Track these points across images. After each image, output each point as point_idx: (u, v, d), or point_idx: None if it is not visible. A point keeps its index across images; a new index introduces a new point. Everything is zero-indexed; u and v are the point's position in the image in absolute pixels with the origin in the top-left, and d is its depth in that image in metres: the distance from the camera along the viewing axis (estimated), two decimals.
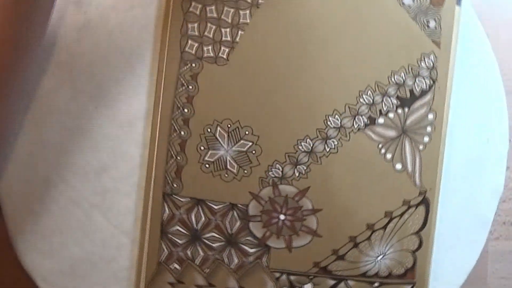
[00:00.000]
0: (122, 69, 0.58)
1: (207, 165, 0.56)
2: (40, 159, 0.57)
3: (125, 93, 0.58)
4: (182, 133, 0.56)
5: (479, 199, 0.62)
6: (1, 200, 0.57)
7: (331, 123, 0.57)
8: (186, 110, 0.56)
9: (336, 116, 0.57)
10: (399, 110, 0.58)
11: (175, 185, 0.56)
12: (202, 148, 0.56)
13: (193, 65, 0.56)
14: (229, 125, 0.56)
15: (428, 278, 0.60)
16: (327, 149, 0.57)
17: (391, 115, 0.58)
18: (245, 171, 0.57)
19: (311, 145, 0.57)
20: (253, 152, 0.57)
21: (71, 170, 0.57)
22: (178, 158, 0.56)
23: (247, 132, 0.56)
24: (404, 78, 0.58)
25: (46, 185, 0.57)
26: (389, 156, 0.58)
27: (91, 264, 0.57)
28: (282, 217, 0.57)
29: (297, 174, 0.57)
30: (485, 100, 0.62)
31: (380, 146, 0.58)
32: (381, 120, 0.58)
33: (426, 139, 0.58)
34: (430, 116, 0.58)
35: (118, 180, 0.58)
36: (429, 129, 0.58)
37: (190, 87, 0.56)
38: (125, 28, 0.58)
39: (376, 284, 0.59)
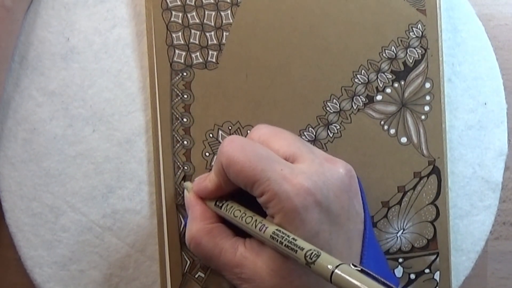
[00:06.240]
0: (112, 90, 0.58)
1: None
2: (45, 190, 0.57)
3: (120, 113, 0.58)
4: (185, 142, 0.56)
5: (486, 162, 0.62)
6: (13, 235, 0.57)
7: (330, 108, 0.57)
8: (185, 120, 0.56)
9: (334, 100, 0.57)
10: (396, 84, 0.58)
11: None
12: (207, 154, 0.56)
13: (184, 74, 0.56)
14: (230, 127, 0.56)
15: (450, 246, 0.60)
16: (331, 135, 0.57)
17: (388, 90, 0.58)
18: None
19: (314, 133, 0.57)
20: None
21: (77, 196, 0.57)
22: (185, 168, 0.56)
23: (248, 131, 0.56)
24: (395, 51, 0.58)
25: (54, 215, 0.57)
26: (392, 131, 0.58)
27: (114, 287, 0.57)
28: None
29: None
30: (476, 63, 0.62)
31: (382, 122, 0.58)
32: (379, 97, 0.58)
33: (426, 108, 0.58)
34: (427, 85, 0.58)
35: (126, 199, 0.57)
36: (428, 98, 0.58)
37: (185, 96, 0.56)
38: (110, 48, 0.58)
39: (400, 260, 0.59)
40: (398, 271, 0.59)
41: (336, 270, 0.41)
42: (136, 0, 0.58)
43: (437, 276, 0.59)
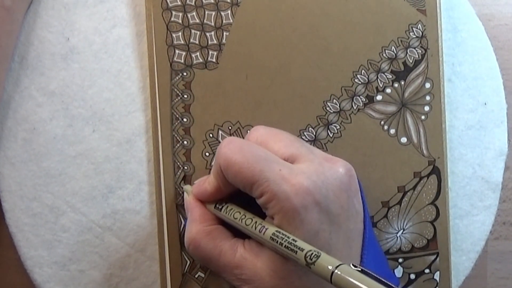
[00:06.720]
0: (112, 90, 0.57)
1: None
2: (45, 190, 0.57)
3: (119, 113, 0.58)
4: (185, 142, 0.56)
5: (486, 162, 0.62)
6: (13, 235, 0.57)
7: (330, 108, 0.57)
8: (185, 120, 0.56)
9: (334, 100, 0.57)
10: (396, 84, 0.58)
11: None
12: (207, 154, 0.56)
13: (184, 74, 0.56)
14: (230, 127, 0.56)
15: (450, 246, 0.60)
16: (331, 135, 0.57)
17: (388, 90, 0.58)
18: None
19: (314, 133, 0.57)
20: None
21: (77, 196, 0.57)
22: (185, 168, 0.56)
23: (248, 131, 0.56)
24: (395, 51, 0.58)
25: (54, 215, 0.57)
26: (392, 131, 0.58)
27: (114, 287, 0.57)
28: None
29: None
30: (476, 63, 0.62)
31: (382, 122, 0.58)
32: (379, 97, 0.58)
33: (426, 108, 0.58)
34: (427, 85, 0.58)
35: (126, 199, 0.57)
36: (428, 98, 0.58)
37: (185, 96, 0.56)
38: (110, 48, 0.58)
39: (400, 260, 0.59)
40: (398, 271, 0.59)
41: (336, 271, 0.41)
42: (136, 0, 0.58)
43: (437, 276, 0.59)
